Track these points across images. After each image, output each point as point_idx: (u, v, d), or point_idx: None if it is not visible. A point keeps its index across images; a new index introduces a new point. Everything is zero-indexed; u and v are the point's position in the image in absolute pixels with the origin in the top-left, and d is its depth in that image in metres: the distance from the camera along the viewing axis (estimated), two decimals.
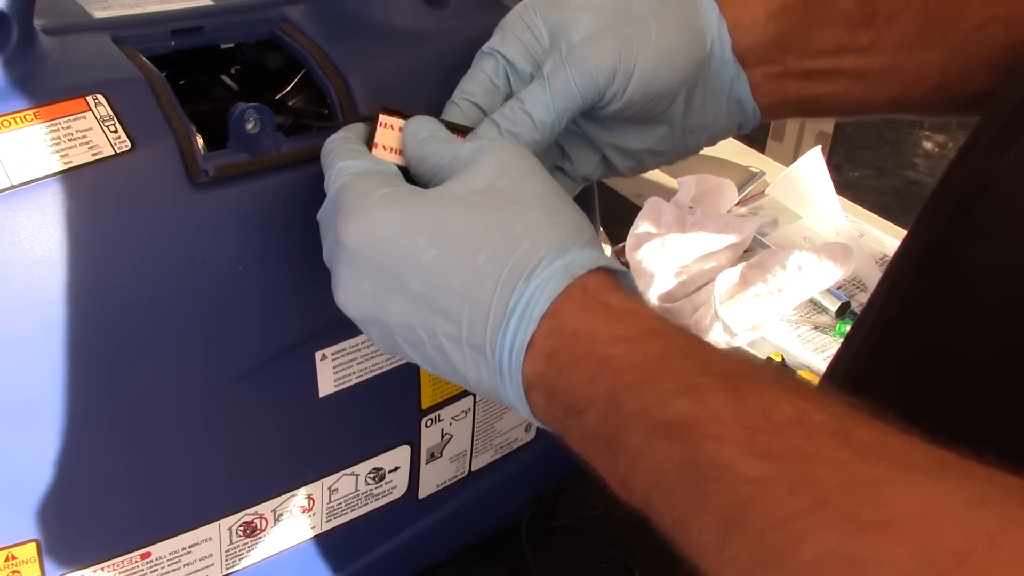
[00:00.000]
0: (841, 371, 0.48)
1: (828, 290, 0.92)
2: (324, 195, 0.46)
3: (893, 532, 0.27)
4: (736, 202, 1.06)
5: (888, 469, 0.29)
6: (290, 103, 0.51)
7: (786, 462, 0.30)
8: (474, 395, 0.59)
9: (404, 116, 0.44)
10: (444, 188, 0.41)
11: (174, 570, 0.50)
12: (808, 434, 0.31)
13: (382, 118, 0.44)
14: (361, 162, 0.42)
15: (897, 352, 0.45)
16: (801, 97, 0.51)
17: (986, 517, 0.27)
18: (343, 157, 0.43)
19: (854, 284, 0.96)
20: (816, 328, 0.91)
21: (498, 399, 0.40)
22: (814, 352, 0.88)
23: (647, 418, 0.34)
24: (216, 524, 0.50)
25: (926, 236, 0.45)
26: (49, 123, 0.41)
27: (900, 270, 0.47)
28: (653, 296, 0.90)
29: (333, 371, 0.51)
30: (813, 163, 1.05)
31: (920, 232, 0.46)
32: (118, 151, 0.42)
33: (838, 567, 0.28)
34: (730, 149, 1.23)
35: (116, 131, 0.42)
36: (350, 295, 0.41)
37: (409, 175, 0.44)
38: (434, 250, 0.39)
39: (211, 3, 0.52)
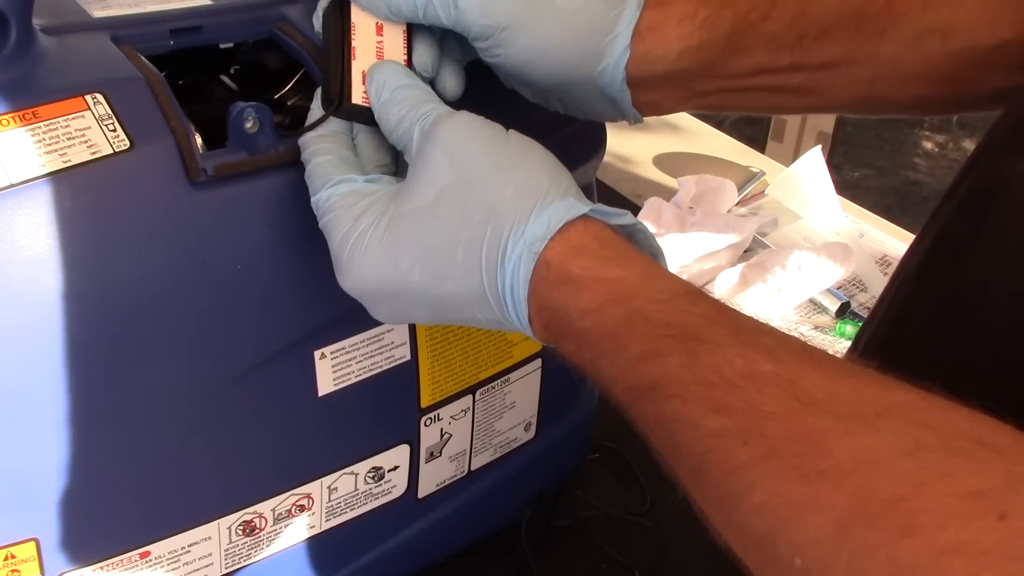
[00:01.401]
0: None
1: (828, 290, 0.92)
2: None
3: (832, 480, 0.30)
4: (736, 202, 1.06)
5: (830, 420, 0.31)
6: (289, 102, 0.51)
7: (739, 415, 0.33)
8: (473, 395, 0.59)
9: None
10: (406, 202, 0.42)
11: (173, 569, 0.50)
12: (757, 387, 0.33)
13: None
14: (326, 193, 0.44)
15: (904, 354, 0.45)
16: (703, 106, 0.52)
17: (914, 466, 0.29)
18: (321, 182, 0.44)
19: (854, 284, 0.96)
20: (816, 328, 0.91)
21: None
22: None
23: (622, 382, 0.38)
24: (215, 523, 0.50)
25: (935, 238, 0.45)
26: (48, 122, 0.41)
27: (908, 272, 0.47)
28: None
29: (332, 370, 0.51)
30: (813, 163, 1.05)
31: (929, 234, 0.46)
32: (117, 150, 0.42)
33: (782, 510, 0.31)
34: (730, 149, 1.23)
35: (115, 130, 0.42)
36: (379, 316, 0.45)
37: None
38: (418, 267, 0.41)
39: (210, 3, 0.52)
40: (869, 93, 0.49)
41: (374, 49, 0.46)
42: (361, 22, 0.46)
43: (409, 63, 0.47)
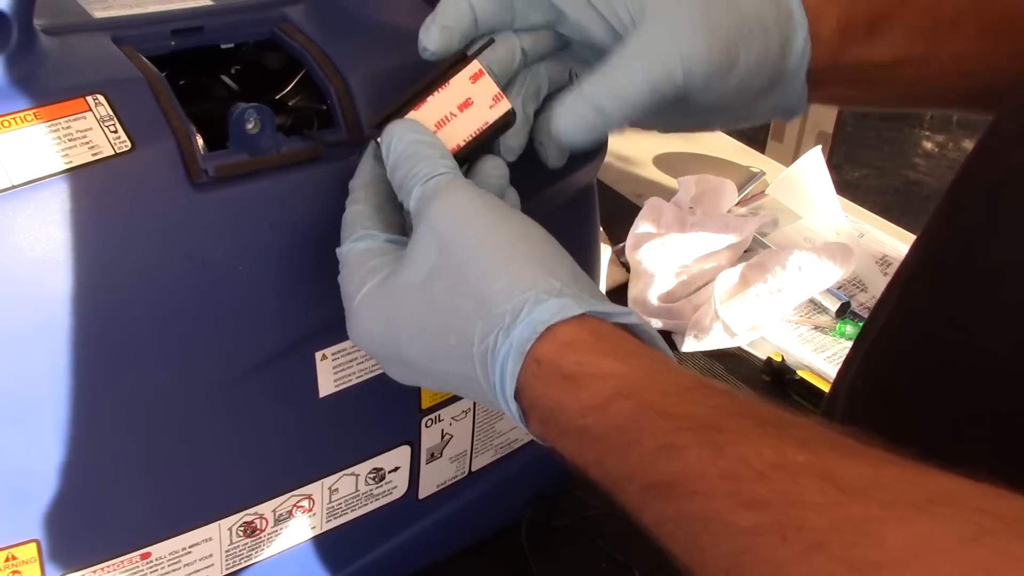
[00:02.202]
0: (853, 370, 0.48)
1: (828, 290, 0.92)
2: (323, 194, 0.47)
3: (889, 572, 0.27)
4: (736, 202, 1.06)
5: (878, 507, 0.29)
6: (290, 103, 0.50)
7: (774, 508, 0.30)
8: None
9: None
10: (403, 273, 0.41)
11: (174, 570, 0.50)
12: (791, 477, 0.31)
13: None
14: (347, 247, 0.44)
15: (914, 349, 0.44)
16: (837, 100, 0.52)
17: (981, 552, 0.26)
18: (347, 233, 0.44)
19: (854, 284, 0.96)
20: (816, 328, 0.91)
21: None
22: (814, 352, 0.88)
23: (635, 481, 0.35)
24: (216, 524, 0.50)
25: (945, 232, 0.45)
26: (49, 123, 0.41)
27: (916, 266, 0.46)
28: (653, 296, 0.90)
29: (333, 371, 0.51)
30: (813, 163, 1.05)
31: (938, 228, 0.45)
32: (118, 151, 0.42)
33: None
34: (730, 149, 1.23)
35: (116, 131, 0.42)
36: (393, 376, 0.45)
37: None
38: (416, 344, 0.41)
39: (211, 3, 0.52)
40: (988, 84, 0.48)
41: (444, 114, 0.44)
42: (458, 85, 0.44)
43: (462, 149, 0.45)
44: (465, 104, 0.44)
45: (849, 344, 0.88)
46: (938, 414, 0.30)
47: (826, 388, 0.81)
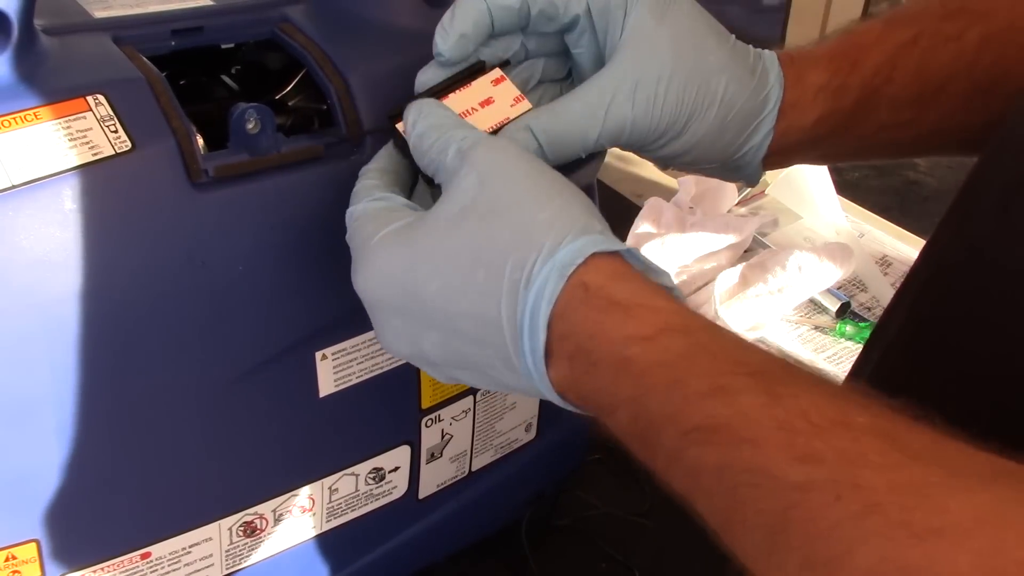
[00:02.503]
0: (864, 377, 0.48)
1: (828, 290, 0.92)
2: (323, 194, 0.47)
3: (951, 540, 0.26)
4: (736, 202, 1.06)
5: (940, 474, 0.27)
6: (290, 103, 0.50)
7: (829, 465, 0.28)
8: (474, 395, 0.59)
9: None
10: (431, 215, 0.40)
11: (174, 570, 0.50)
12: (852, 436, 0.29)
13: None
14: (363, 205, 0.42)
15: (929, 356, 0.44)
16: (821, 161, 0.53)
17: None
18: (360, 196, 0.43)
19: (854, 284, 0.96)
20: (816, 328, 0.91)
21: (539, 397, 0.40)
22: (814, 352, 0.88)
23: (677, 423, 0.32)
24: (216, 524, 0.50)
25: (955, 239, 0.44)
26: (49, 123, 0.41)
27: (927, 274, 0.46)
28: None
29: (333, 371, 0.51)
30: None
31: (952, 233, 0.45)
32: (118, 151, 0.42)
33: None
34: None
35: (116, 131, 0.42)
36: (387, 338, 0.42)
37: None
38: (437, 280, 0.39)
39: (211, 3, 0.52)
40: (980, 137, 0.49)
41: (466, 108, 0.45)
42: (479, 87, 0.44)
43: None
44: (487, 102, 0.45)
45: (849, 344, 0.88)
46: (957, 423, 0.29)
47: None
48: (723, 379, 0.32)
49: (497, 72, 0.45)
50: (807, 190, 1.05)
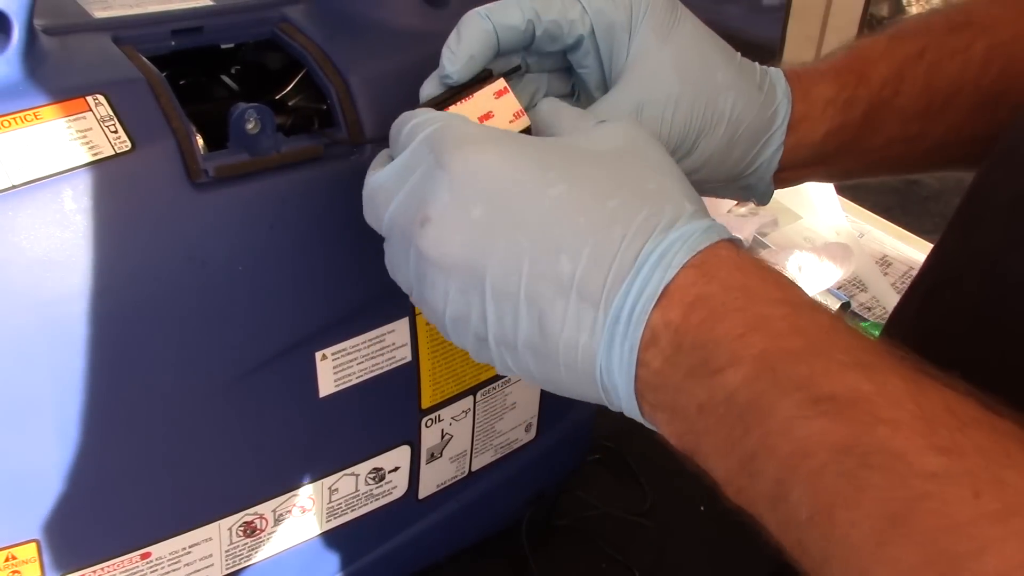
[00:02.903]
0: None
1: (828, 290, 0.92)
2: (323, 194, 0.47)
3: None
4: (736, 202, 1.06)
5: None
6: (290, 103, 0.50)
7: (970, 460, 0.27)
8: (474, 395, 0.59)
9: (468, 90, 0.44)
10: (573, 140, 0.38)
11: (174, 570, 0.50)
12: (996, 436, 0.27)
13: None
14: (458, 116, 0.40)
15: (936, 366, 0.44)
16: (832, 178, 0.53)
17: None
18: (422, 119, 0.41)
19: (854, 284, 0.96)
20: None
21: (581, 373, 0.36)
22: None
23: (808, 388, 0.30)
24: (216, 524, 0.50)
25: (963, 248, 0.44)
26: (49, 123, 0.41)
27: (934, 282, 0.46)
28: None
29: (333, 371, 0.51)
30: None
31: (954, 244, 0.45)
32: (118, 151, 0.42)
33: None
34: None
35: (116, 131, 0.42)
36: (449, 226, 0.37)
37: None
38: (564, 185, 0.36)
39: (211, 3, 0.52)
40: (985, 148, 0.49)
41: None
42: (481, 99, 0.44)
43: None
44: (486, 116, 0.44)
45: None
46: None
47: None
48: (868, 357, 0.30)
49: (501, 83, 0.45)
50: (807, 190, 1.05)
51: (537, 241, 0.35)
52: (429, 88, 0.45)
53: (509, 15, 0.44)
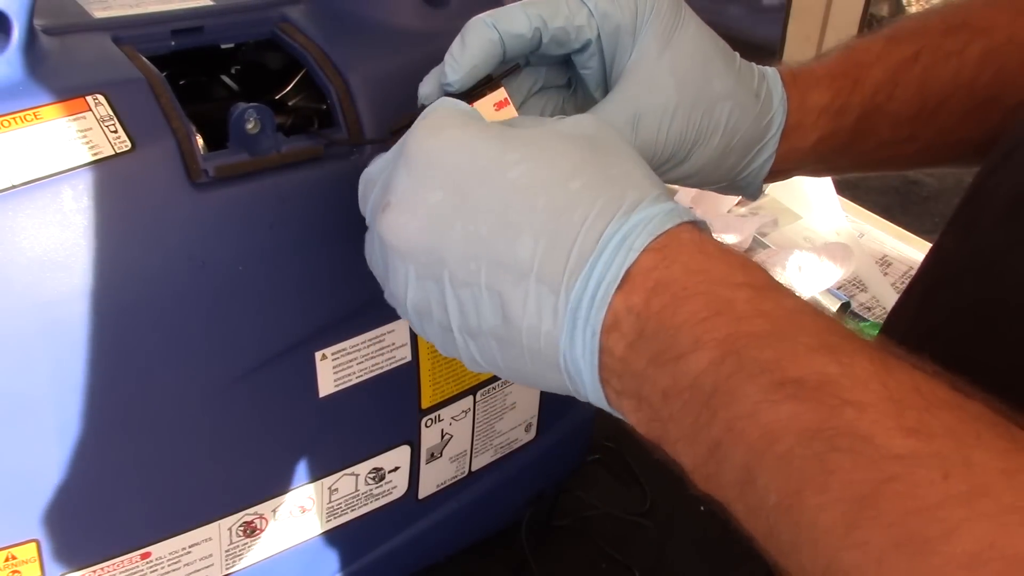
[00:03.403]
0: None
1: (828, 290, 0.92)
2: (323, 194, 0.47)
3: None
4: (736, 202, 1.06)
5: None
6: (290, 103, 0.50)
7: (939, 441, 0.26)
8: (474, 395, 0.59)
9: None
10: (538, 125, 0.38)
11: (174, 570, 0.50)
12: (966, 417, 0.27)
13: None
14: (452, 101, 0.40)
15: (937, 365, 0.44)
16: (820, 174, 0.53)
17: None
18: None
19: (854, 284, 0.96)
20: None
21: (545, 360, 0.35)
22: None
23: (774, 372, 0.29)
24: (216, 524, 0.50)
25: (961, 249, 0.44)
26: (49, 123, 0.41)
27: (933, 283, 0.46)
28: None
29: (333, 371, 0.51)
30: None
31: (958, 242, 0.45)
32: (118, 151, 0.42)
33: (999, 564, 0.24)
34: None
35: (116, 131, 0.42)
36: (408, 211, 0.37)
37: None
38: (524, 166, 0.35)
39: (211, 3, 0.52)
40: (975, 151, 0.49)
41: None
42: (481, 109, 0.43)
43: None
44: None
45: None
46: None
47: None
48: (834, 339, 0.30)
49: (502, 94, 0.44)
50: (807, 190, 1.05)
51: (496, 225, 0.35)
52: (427, 87, 0.45)
53: (516, 23, 0.43)
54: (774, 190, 1.08)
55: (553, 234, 0.34)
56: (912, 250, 1.02)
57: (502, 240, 0.35)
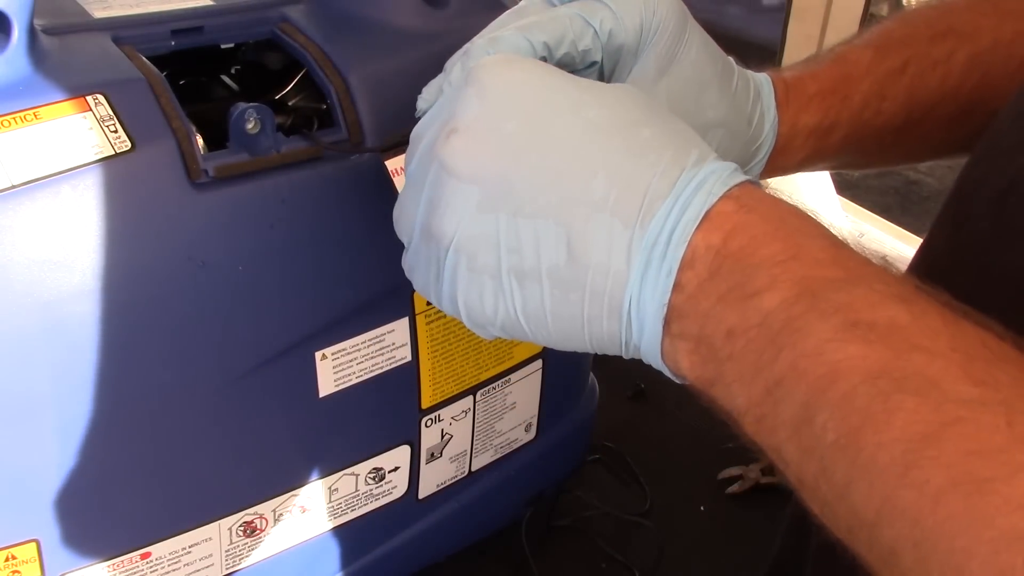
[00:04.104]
0: None
1: None
2: (323, 194, 0.47)
3: None
4: None
5: None
6: (290, 103, 0.50)
7: (1006, 391, 0.27)
8: (474, 395, 0.59)
9: None
10: (600, 83, 0.38)
11: (174, 570, 0.50)
12: None
13: None
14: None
15: None
16: (794, 172, 0.54)
17: None
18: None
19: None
20: None
21: (607, 302, 0.35)
22: None
23: (847, 313, 0.30)
24: (216, 524, 0.50)
25: (950, 241, 0.44)
26: (49, 123, 0.41)
27: (925, 274, 0.46)
28: None
29: (333, 371, 0.51)
30: None
31: (942, 237, 0.45)
32: (118, 151, 0.42)
33: None
34: None
35: (116, 131, 0.42)
36: (481, 138, 0.36)
37: None
38: (599, 109, 0.35)
39: (211, 3, 0.52)
40: (963, 147, 0.50)
41: None
42: None
43: None
44: None
45: None
46: None
47: None
48: (906, 290, 0.30)
49: None
50: (807, 190, 1.05)
51: (571, 160, 0.35)
52: (426, 103, 0.45)
53: (520, 53, 0.42)
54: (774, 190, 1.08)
55: (629, 174, 0.34)
56: (912, 250, 1.02)
57: (577, 175, 0.34)
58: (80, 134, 0.41)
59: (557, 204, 0.35)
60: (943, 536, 0.26)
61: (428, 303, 0.52)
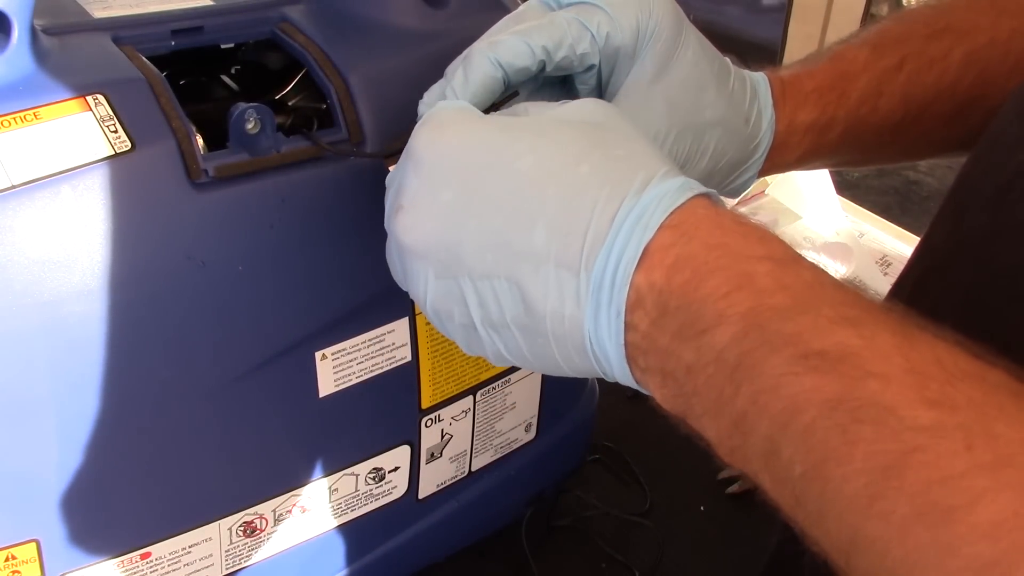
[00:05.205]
0: None
1: None
2: (323, 194, 0.47)
3: None
4: (736, 202, 1.06)
5: None
6: (290, 103, 0.50)
7: (962, 413, 0.26)
8: (474, 395, 0.59)
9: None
10: (540, 113, 0.38)
11: (174, 570, 0.50)
12: (987, 388, 0.27)
13: None
14: (453, 101, 0.40)
15: None
16: (791, 169, 0.54)
17: None
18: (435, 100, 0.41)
19: (854, 284, 0.96)
20: None
21: (571, 345, 0.35)
22: None
23: (797, 344, 0.29)
24: (216, 524, 0.50)
25: (951, 237, 0.45)
26: (49, 123, 0.41)
27: (923, 272, 0.46)
28: None
29: (333, 371, 0.51)
30: None
31: (943, 233, 0.45)
32: (118, 151, 0.42)
33: (1022, 534, 0.24)
34: None
35: (116, 131, 0.42)
36: (422, 212, 0.37)
37: None
38: (531, 156, 0.35)
39: (211, 3, 0.52)
40: (959, 147, 0.50)
41: None
42: None
43: None
44: None
45: None
46: None
47: None
48: (855, 312, 0.30)
49: None
50: (807, 190, 1.05)
51: (509, 217, 0.35)
52: (429, 99, 0.45)
53: (520, 58, 0.42)
54: (774, 190, 1.08)
55: (567, 220, 0.34)
56: (911, 250, 1.02)
57: (517, 231, 0.35)
58: (80, 134, 0.41)
59: (505, 262, 0.35)
60: (913, 567, 0.26)
61: None
